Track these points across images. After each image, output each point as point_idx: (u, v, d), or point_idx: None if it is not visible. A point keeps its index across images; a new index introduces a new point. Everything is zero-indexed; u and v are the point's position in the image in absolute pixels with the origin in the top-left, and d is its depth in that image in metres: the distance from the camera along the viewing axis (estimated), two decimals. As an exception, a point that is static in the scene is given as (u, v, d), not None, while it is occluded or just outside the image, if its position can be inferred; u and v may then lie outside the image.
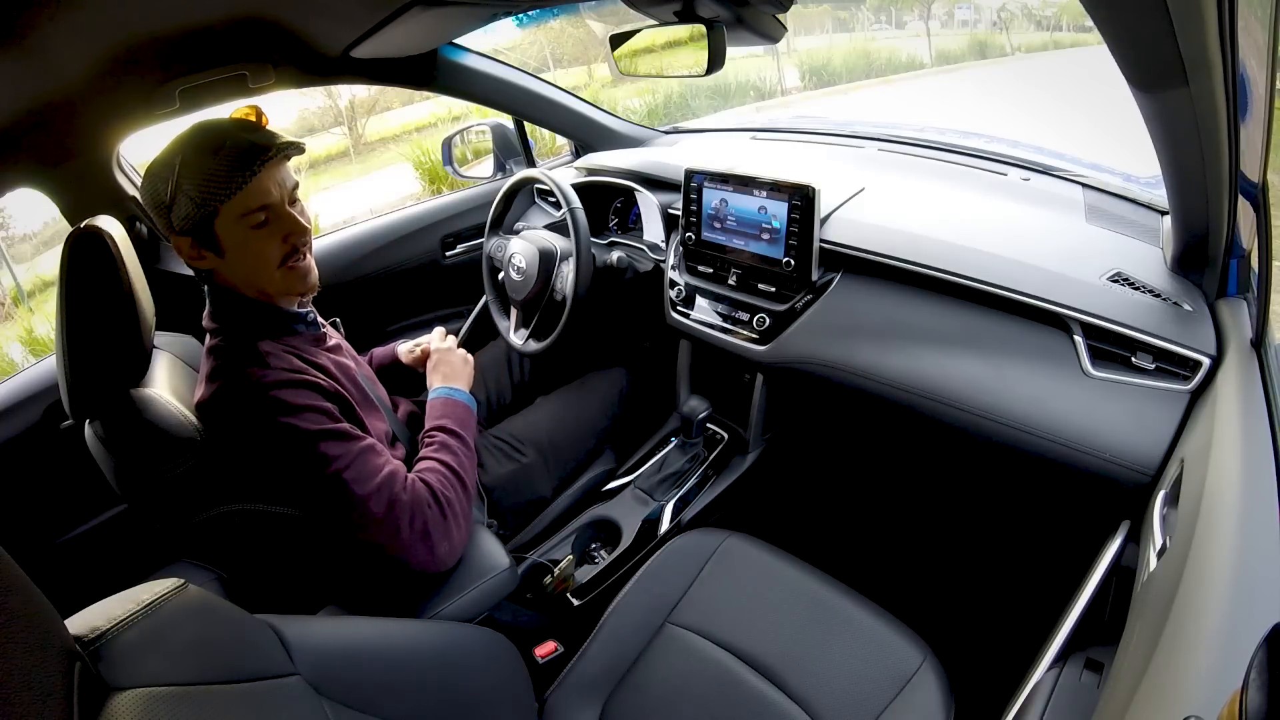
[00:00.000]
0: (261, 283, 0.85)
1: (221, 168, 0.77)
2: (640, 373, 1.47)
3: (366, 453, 0.83)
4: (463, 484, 0.92)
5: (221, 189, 0.77)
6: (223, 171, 0.77)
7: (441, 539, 0.85)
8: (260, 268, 0.84)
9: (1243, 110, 0.55)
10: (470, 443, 1.00)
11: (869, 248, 1.01)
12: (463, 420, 1.02)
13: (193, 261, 0.84)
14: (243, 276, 0.85)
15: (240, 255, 0.82)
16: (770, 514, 1.38)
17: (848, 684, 0.82)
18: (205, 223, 0.79)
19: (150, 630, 0.45)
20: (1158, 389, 0.78)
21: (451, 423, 1.00)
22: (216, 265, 0.84)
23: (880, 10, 15.92)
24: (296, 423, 0.79)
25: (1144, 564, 0.64)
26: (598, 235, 1.48)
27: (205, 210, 0.78)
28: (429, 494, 0.86)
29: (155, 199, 0.80)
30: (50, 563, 1.17)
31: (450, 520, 0.86)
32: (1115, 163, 1.17)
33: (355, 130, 10.56)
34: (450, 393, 1.06)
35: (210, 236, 0.80)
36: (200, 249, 0.82)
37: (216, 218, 0.79)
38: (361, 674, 0.60)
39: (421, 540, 0.83)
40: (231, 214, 0.79)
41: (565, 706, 0.86)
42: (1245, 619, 0.42)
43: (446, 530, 0.86)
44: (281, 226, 0.83)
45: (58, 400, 0.88)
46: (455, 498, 0.89)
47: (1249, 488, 0.52)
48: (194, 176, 0.77)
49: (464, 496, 0.91)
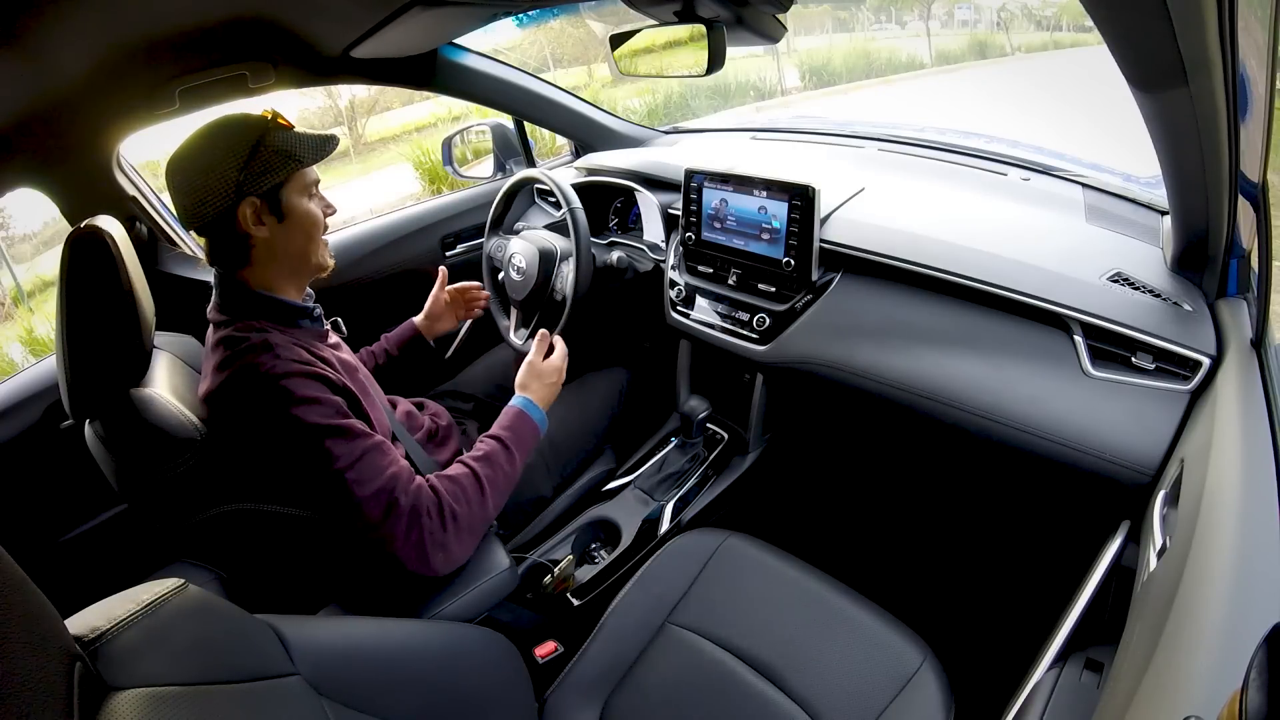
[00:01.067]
0: (310, 249, 0.91)
1: (308, 140, 0.88)
2: (640, 373, 1.47)
3: (372, 452, 0.82)
4: (484, 497, 0.89)
5: (306, 155, 0.87)
6: (310, 143, 0.88)
7: (436, 550, 0.83)
8: (314, 233, 0.91)
9: (1243, 110, 0.55)
10: (519, 461, 0.97)
11: (869, 248, 1.01)
12: (523, 438, 0.99)
13: (252, 228, 0.85)
14: (297, 245, 0.90)
15: (299, 221, 0.89)
16: (770, 514, 1.38)
17: (848, 684, 0.82)
18: (276, 190, 0.86)
19: (150, 630, 0.45)
20: (1158, 389, 0.78)
21: (510, 437, 0.97)
22: (271, 233, 0.87)
23: (880, 10, 15.92)
24: (304, 415, 0.79)
25: (1144, 564, 0.64)
26: (598, 235, 1.48)
27: (287, 172, 0.85)
28: (435, 503, 0.84)
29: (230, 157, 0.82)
30: (50, 563, 1.17)
31: (451, 533, 0.84)
32: (1115, 163, 1.18)
33: (355, 130, 10.56)
34: (528, 406, 1.03)
35: (276, 201, 0.86)
36: (262, 215, 0.86)
37: (286, 185, 0.86)
38: (361, 674, 0.60)
39: (415, 548, 0.82)
40: (299, 182, 0.88)
41: (565, 706, 0.86)
42: (1245, 619, 0.42)
43: (443, 542, 0.84)
44: (321, 202, 0.93)
45: (58, 400, 0.88)
46: (465, 511, 0.86)
47: (1249, 488, 0.52)
48: (285, 144, 0.85)
49: (480, 510, 0.89)
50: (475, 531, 0.88)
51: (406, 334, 1.29)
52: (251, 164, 0.83)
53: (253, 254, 0.87)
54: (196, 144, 0.83)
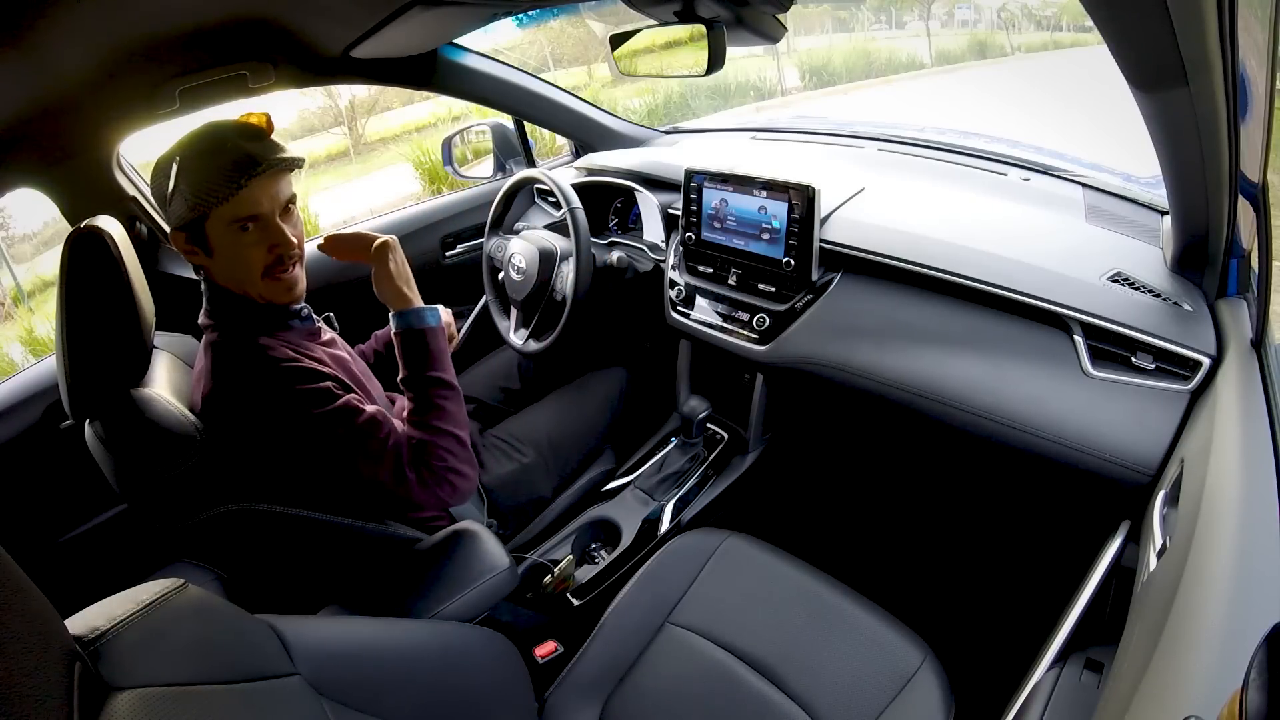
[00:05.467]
0: (245, 287, 0.87)
1: (216, 174, 0.78)
2: (640, 373, 1.47)
3: (370, 424, 0.85)
4: (454, 437, 0.89)
5: (213, 194, 0.79)
6: (217, 178, 0.78)
7: (451, 495, 0.88)
8: (245, 274, 0.85)
9: (1243, 110, 0.55)
10: (448, 378, 0.92)
11: (869, 248, 1.01)
12: (435, 353, 0.92)
13: (187, 256, 0.87)
14: (230, 278, 0.87)
15: (227, 258, 0.84)
16: (770, 514, 1.38)
17: (848, 684, 0.82)
18: (197, 223, 0.82)
19: (150, 630, 0.45)
20: (1158, 389, 0.78)
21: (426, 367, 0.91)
22: (206, 263, 0.86)
23: (880, 10, 15.90)
24: (300, 404, 0.81)
25: (1144, 564, 0.64)
26: (598, 235, 1.48)
27: (195, 213, 0.81)
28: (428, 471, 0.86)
29: (158, 193, 0.84)
30: (50, 563, 1.17)
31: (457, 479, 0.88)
32: (1115, 163, 1.18)
33: (355, 130, 10.55)
34: (408, 320, 0.93)
35: (201, 236, 0.83)
36: (192, 245, 0.85)
37: (207, 220, 0.82)
38: (361, 674, 0.60)
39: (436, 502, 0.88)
40: (221, 219, 0.81)
41: (565, 706, 0.85)
42: (1245, 619, 0.42)
43: (454, 489, 0.88)
44: (268, 237, 0.84)
45: (58, 400, 0.88)
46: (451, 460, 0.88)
47: (1249, 488, 0.52)
48: (190, 178, 0.79)
49: (459, 447, 0.89)
50: (468, 459, 0.91)
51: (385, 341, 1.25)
52: (170, 204, 0.81)
53: (209, 273, 0.88)
54: (156, 165, 0.84)
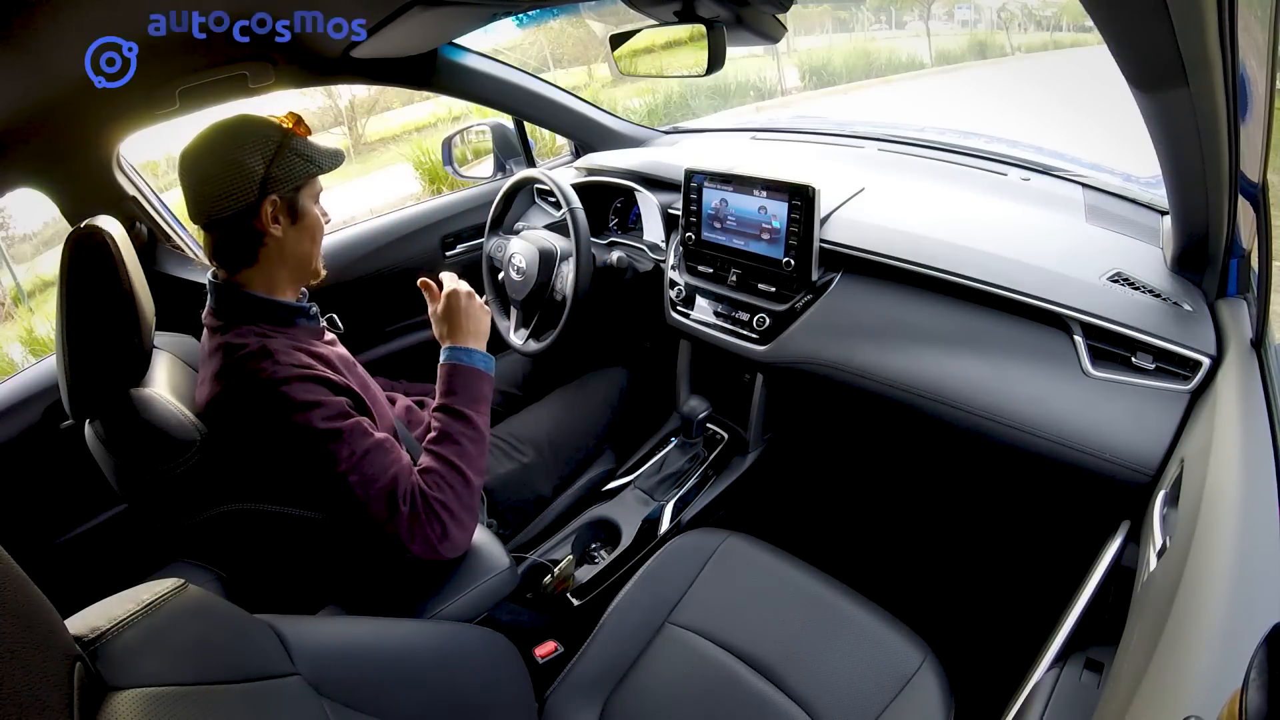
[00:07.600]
0: (313, 253, 0.94)
1: (326, 149, 0.91)
2: (640, 373, 1.47)
3: (374, 451, 0.82)
4: (464, 478, 0.87)
5: (325, 162, 0.90)
6: (324, 151, 0.91)
7: (440, 540, 0.84)
8: (318, 238, 0.94)
9: (1243, 110, 0.55)
10: (479, 422, 0.92)
11: (869, 248, 1.01)
12: (473, 394, 0.93)
13: (269, 226, 0.86)
14: (297, 249, 0.91)
15: (310, 227, 0.92)
16: (770, 514, 1.38)
17: (848, 684, 0.82)
18: (296, 191, 0.88)
19: (150, 630, 0.45)
20: (1158, 389, 0.78)
21: (458, 401, 0.92)
22: (283, 234, 0.88)
23: (880, 10, 15.90)
24: (306, 420, 0.79)
25: (1144, 564, 0.64)
26: (598, 235, 1.48)
27: (309, 172, 0.88)
28: (423, 502, 0.83)
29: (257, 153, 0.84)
30: (50, 563, 1.17)
31: (447, 521, 0.84)
32: (1115, 163, 1.18)
33: (355, 130, 10.55)
34: (457, 356, 0.95)
35: (294, 203, 0.89)
36: (279, 214, 0.87)
37: (304, 188, 0.89)
38: (361, 674, 0.60)
39: (422, 542, 0.83)
40: (313, 189, 0.91)
41: (565, 706, 0.85)
42: (1245, 619, 0.42)
43: (445, 533, 0.84)
44: (321, 212, 0.95)
45: (58, 400, 0.88)
46: (450, 498, 0.85)
47: (1249, 488, 0.52)
48: (301, 144, 0.88)
49: (465, 489, 0.87)
50: (469, 508, 0.88)
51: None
52: (276, 163, 0.85)
53: (261, 253, 0.87)
54: (218, 137, 0.83)
